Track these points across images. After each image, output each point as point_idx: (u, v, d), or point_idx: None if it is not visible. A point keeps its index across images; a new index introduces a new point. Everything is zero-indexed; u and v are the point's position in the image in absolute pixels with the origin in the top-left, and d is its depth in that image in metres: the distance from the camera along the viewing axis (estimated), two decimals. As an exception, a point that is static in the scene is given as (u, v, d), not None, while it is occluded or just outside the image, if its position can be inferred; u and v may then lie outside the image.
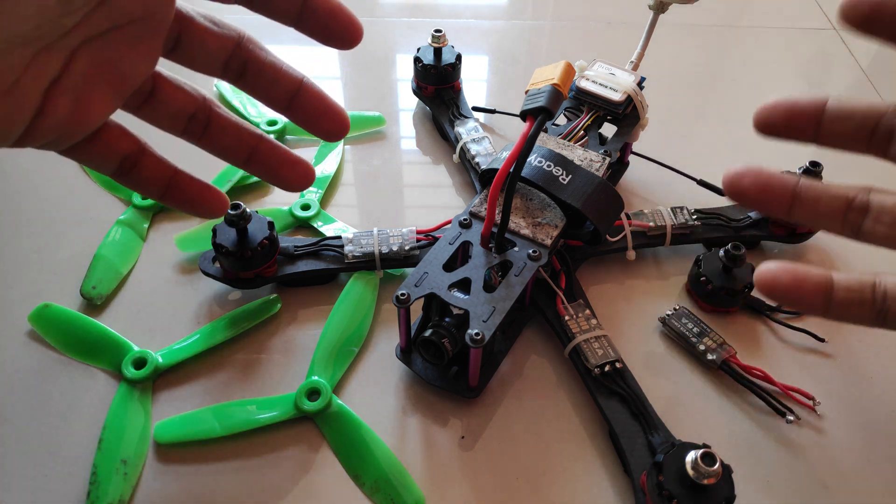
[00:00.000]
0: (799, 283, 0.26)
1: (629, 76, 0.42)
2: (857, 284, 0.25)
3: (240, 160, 0.29)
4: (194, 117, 0.28)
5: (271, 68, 0.28)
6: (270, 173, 0.29)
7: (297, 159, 0.29)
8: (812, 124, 0.27)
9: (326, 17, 0.26)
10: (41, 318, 0.37)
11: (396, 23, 0.63)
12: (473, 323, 0.31)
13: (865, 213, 0.26)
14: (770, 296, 0.26)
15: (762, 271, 0.26)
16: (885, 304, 0.25)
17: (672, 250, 0.43)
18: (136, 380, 0.35)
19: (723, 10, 0.66)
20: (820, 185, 0.27)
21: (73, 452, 0.33)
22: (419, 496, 0.32)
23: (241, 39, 0.27)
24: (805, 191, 0.27)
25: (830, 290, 0.26)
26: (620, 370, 0.34)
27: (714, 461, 0.27)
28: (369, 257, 0.39)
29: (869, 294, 0.25)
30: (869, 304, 0.25)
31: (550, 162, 0.36)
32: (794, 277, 0.26)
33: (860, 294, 0.25)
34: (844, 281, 0.26)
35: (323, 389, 0.34)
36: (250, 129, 0.29)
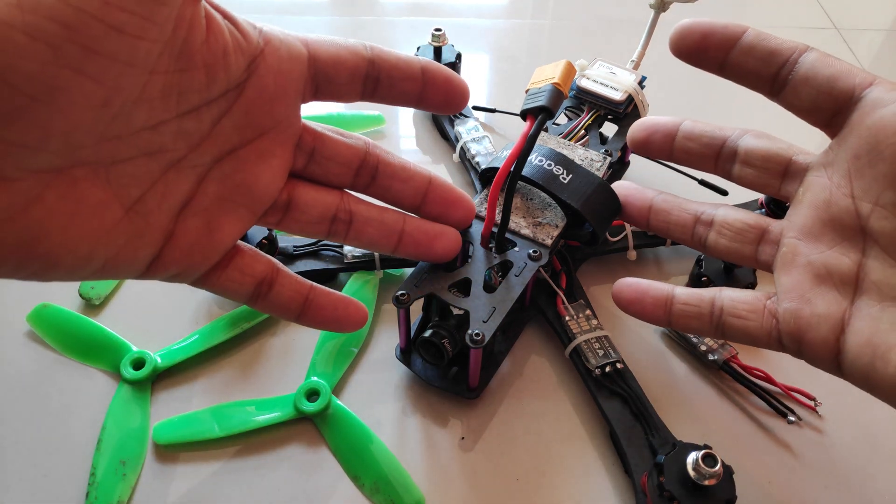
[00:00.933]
0: (640, 297, 0.29)
1: (630, 75, 0.42)
2: (695, 300, 0.28)
3: (389, 248, 0.29)
4: (336, 218, 0.27)
5: (402, 170, 0.28)
6: (421, 254, 0.30)
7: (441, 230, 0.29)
8: (668, 143, 0.30)
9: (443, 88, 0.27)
10: (40, 318, 0.37)
11: (396, 22, 0.63)
12: (473, 323, 0.31)
13: (710, 227, 0.29)
14: (621, 308, 0.30)
15: (615, 288, 0.30)
16: (721, 318, 0.27)
17: (673, 250, 0.43)
18: (134, 380, 0.34)
19: (724, 9, 0.66)
20: (673, 199, 0.31)
21: (71, 453, 0.33)
22: (419, 497, 0.31)
23: (368, 146, 0.27)
24: (659, 204, 0.31)
25: (670, 305, 0.28)
26: (621, 371, 0.34)
27: (715, 462, 0.27)
28: (369, 257, 0.39)
29: (707, 309, 0.28)
30: (707, 318, 0.28)
31: (551, 161, 0.36)
32: (636, 292, 0.29)
33: (697, 309, 0.28)
34: (684, 297, 0.28)
35: (322, 390, 0.34)
36: (394, 212, 0.28)
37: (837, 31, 0.63)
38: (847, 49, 0.61)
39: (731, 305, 0.27)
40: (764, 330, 0.27)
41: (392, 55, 0.26)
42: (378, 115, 0.51)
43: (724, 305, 0.27)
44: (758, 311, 0.27)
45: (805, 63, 0.26)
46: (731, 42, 0.28)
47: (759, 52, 0.27)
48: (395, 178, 0.28)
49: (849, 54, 0.61)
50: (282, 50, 0.23)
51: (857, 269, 0.25)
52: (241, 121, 0.23)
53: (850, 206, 0.25)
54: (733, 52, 0.28)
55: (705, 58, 0.29)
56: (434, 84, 0.26)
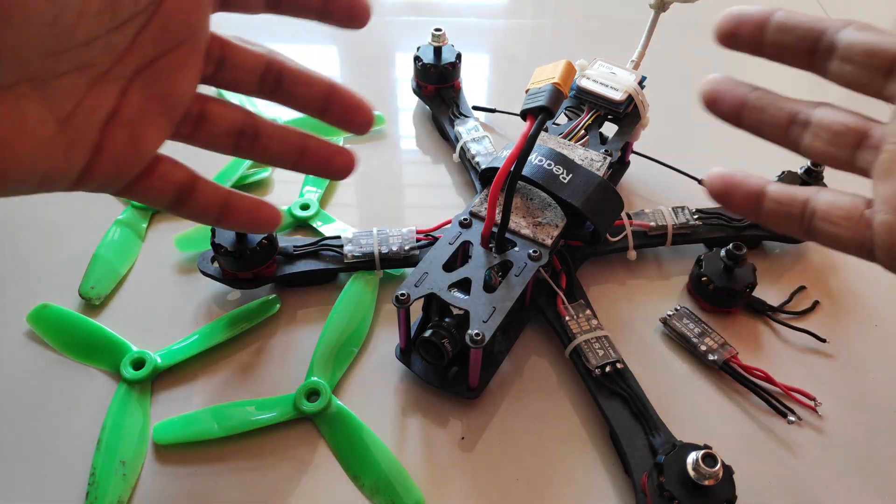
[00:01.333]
0: (729, 190, 0.28)
1: (630, 75, 0.42)
2: (787, 198, 0.26)
3: (290, 163, 0.29)
4: (242, 132, 0.28)
5: (304, 76, 0.28)
6: (321, 168, 0.30)
7: (339, 149, 0.30)
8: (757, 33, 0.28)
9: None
10: (40, 318, 0.37)
11: (396, 21, 0.63)
12: (473, 323, 0.31)
13: (806, 128, 0.27)
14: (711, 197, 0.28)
15: (707, 177, 0.28)
16: (812, 222, 0.26)
17: (673, 250, 0.43)
18: (134, 380, 0.34)
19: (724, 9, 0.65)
20: (767, 96, 0.29)
21: (71, 453, 0.32)
22: (419, 497, 0.31)
23: (271, 53, 0.28)
24: (754, 100, 0.29)
25: (762, 199, 0.27)
26: (621, 371, 0.34)
27: (715, 462, 0.27)
28: (369, 257, 0.39)
29: (798, 210, 0.26)
30: (797, 220, 0.26)
31: (551, 161, 0.36)
32: (725, 184, 0.28)
33: (789, 208, 0.26)
34: (776, 193, 0.27)
35: (322, 390, 0.34)
36: (296, 131, 0.29)
37: (837, 30, 0.63)
38: (847, 49, 0.61)
39: (825, 210, 0.25)
40: (856, 240, 0.25)
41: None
42: (378, 115, 0.51)
43: (817, 209, 0.26)
44: (853, 219, 0.25)
45: (846, 33, 0.26)
46: (764, 20, 0.28)
47: (798, 28, 0.27)
48: (299, 84, 0.28)
49: (849, 54, 0.61)
50: None
51: None
52: (159, 32, 0.24)
53: None
54: (769, 31, 0.28)
55: (742, 39, 0.28)
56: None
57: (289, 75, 0.28)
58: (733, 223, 0.41)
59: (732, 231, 0.41)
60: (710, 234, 0.41)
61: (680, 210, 0.41)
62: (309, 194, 0.45)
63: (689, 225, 0.41)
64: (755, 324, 0.39)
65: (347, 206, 0.46)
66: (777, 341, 0.38)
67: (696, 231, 0.41)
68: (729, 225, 0.41)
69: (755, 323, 0.39)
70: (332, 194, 0.46)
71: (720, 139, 0.52)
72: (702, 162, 0.49)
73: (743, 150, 0.51)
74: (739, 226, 0.41)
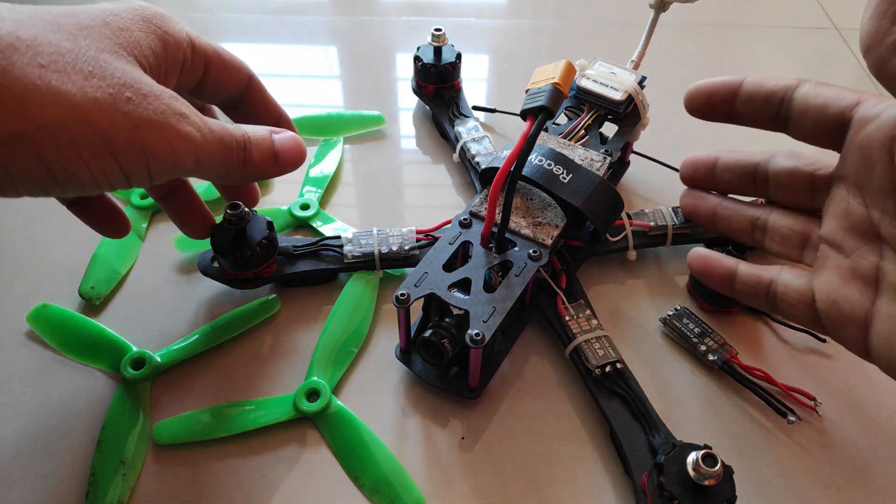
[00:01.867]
0: (707, 271, 0.34)
1: (630, 75, 0.42)
2: (753, 282, 0.32)
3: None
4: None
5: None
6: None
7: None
8: (710, 177, 0.35)
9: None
10: (39, 318, 0.37)
11: (396, 21, 0.63)
12: (473, 323, 0.31)
13: (765, 232, 0.33)
14: (694, 274, 0.35)
15: (689, 256, 0.35)
16: (775, 302, 0.31)
17: (673, 250, 0.43)
18: (134, 380, 0.34)
19: (724, 9, 0.65)
20: (732, 205, 0.34)
21: (71, 453, 0.33)
22: (419, 497, 0.31)
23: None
24: (722, 210, 0.35)
25: (733, 282, 0.33)
26: (621, 371, 0.34)
27: (715, 462, 0.27)
28: (369, 257, 0.39)
29: (763, 291, 0.31)
30: (763, 299, 0.31)
31: (551, 161, 0.36)
32: (704, 266, 0.34)
33: (755, 290, 0.32)
34: (744, 275, 0.32)
35: (322, 390, 0.34)
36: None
37: (837, 31, 0.63)
38: (847, 49, 0.61)
39: (783, 293, 0.30)
40: (810, 320, 0.30)
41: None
42: (378, 115, 0.51)
43: (777, 292, 0.31)
44: (806, 303, 0.29)
45: (798, 98, 0.29)
46: (732, 94, 0.31)
47: (758, 98, 0.31)
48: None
49: (849, 54, 0.61)
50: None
51: (875, 271, 0.27)
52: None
53: (864, 214, 0.28)
54: (737, 103, 0.31)
55: (715, 112, 0.33)
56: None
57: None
58: (733, 223, 0.41)
59: (732, 231, 0.41)
60: (710, 234, 0.41)
61: (680, 210, 0.41)
62: (309, 194, 0.45)
63: (689, 225, 0.41)
64: (755, 324, 0.39)
65: (347, 206, 0.46)
66: (777, 341, 0.38)
67: (696, 231, 0.41)
68: (729, 225, 0.41)
69: (755, 323, 0.39)
70: (332, 194, 0.46)
71: (720, 139, 0.52)
72: (702, 162, 0.49)
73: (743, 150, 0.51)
74: (739, 226, 0.41)
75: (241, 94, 0.32)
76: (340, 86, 0.56)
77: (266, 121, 0.33)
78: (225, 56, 0.30)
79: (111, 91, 0.23)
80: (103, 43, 0.24)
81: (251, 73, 0.32)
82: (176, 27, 0.27)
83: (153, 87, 0.24)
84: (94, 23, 0.24)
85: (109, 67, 0.23)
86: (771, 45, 0.62)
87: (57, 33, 0.23)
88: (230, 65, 0.31)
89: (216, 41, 0.30)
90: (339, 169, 0.48)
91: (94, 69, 0.23)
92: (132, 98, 0.23)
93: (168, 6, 0.62)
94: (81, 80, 0.22)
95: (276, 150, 0.29)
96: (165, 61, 0.27)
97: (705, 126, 0.54)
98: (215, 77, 0.30)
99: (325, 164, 0.47)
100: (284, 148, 0.29)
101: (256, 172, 0.29)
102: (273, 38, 0.60)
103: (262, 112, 0.33)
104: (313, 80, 0.57)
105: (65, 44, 0.22)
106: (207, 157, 0.26)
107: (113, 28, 0.24)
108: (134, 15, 0.26)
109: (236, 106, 0.33)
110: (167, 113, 0.24)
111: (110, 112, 0.22)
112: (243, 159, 0.28)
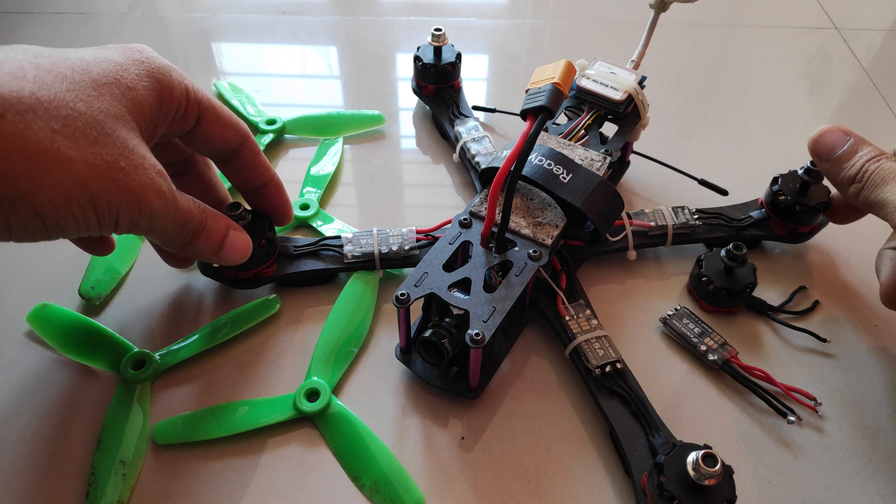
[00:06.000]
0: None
1: (630, 75, 0.42)
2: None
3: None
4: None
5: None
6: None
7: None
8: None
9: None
10: (40, 318, 0.37)
11: (396, 21, 0.63)
12: (473, 323, 0.31)
13: None
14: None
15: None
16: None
17: (673, 250, 0.43)
18: (135, 380, 0.34)
19: (724, 8, 0.65)
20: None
21: (71, 453, 0.32)
22: (419, 497, 0.31)
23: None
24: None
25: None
26: (621, 370, 0.34)
27: (715, 462, 0.27)
28: (369, 257, 0.39)
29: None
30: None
31: (551, 160, 0.36)
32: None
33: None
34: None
35: (322, 390, 0.34)
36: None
37: (837, 30, 0.63)
38: (847, 49, 0.61)
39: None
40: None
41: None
42: (378, 115, 0.51)
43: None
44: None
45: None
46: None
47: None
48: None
49: (849, 54, 0.61)
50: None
51: None
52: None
53: None
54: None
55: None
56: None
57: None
58: (733, 223, 0.41)
59: (732, 231, 0.41)
60: (710, 234, 0.41)
61: (680, 210, 0.41)
62: (309, 194, 0.45)
63: (689, 225, 0.41)
64: (755, 324, 0.39)
65: (347, 206, 0.46)
66: (777, 341, 0.38)
67: (696, 231, 0.41)
68: (729, 225, 0.41)
69: (755, 323, 0.39)
70: (332, 194, 0.46)
71: (720, 139, 0.52)
72: (702, 162, 0.49)
73: (743, 150, 0.51)
74: (739, 226, 0.41)
75: (233, 151, 0.33)
76: (340, 86, 0.56)
77: (255, 182, 0.35)
78: (220, 111, 0.32)
79: (108, 159, 0.25)
80: (113, 106, 0.26)
81: (247, 135, 0.33)
82: (175, 79, 0.29)
83: (144, 160, 0.27)
84: (107, 80, 0.26)
85: (112, 135, 0.25)
86: (771, 45, 0.62)
87: (72, 92, 0.25)
88: (224, 120, 0.32)
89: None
90: (339, 169, 0.48)
91: (99, 136, 0.25)
92: (124, 168, 0.26)
93: (168, 6, 0.62)
94: (86, 146, 0.24)
95: (223, 244, 0.32)
96: (159, 114, 0.29)
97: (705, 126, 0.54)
98: (206, 130, 0.32)
99: (325, 163, 0.47)
100: (231, 246, 0.32)
101: (194, 253, 0.31)
102: (273, 38, 0.60)
103: (252, 173, 0.34)
104: (313, 80, 0.57)
105: (79, 105, 0.25)
106: (161, 227, 0.28)
107: (122, 87, 0.27)
108: (140, 70, 0.28)
109: (228, 161, 0.34)
110: (148, 186, 0.27)
111: (103, 178, 0.25)
112: (190, 240, 0.30)
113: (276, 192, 0.36)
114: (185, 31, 0.60)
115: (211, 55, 0.57)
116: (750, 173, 0.47)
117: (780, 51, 0.61)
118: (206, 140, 0.32)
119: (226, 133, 0.32)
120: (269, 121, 0.49)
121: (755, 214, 0.42)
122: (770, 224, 0.42)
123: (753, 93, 0.56)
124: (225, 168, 0.35)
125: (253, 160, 0.34)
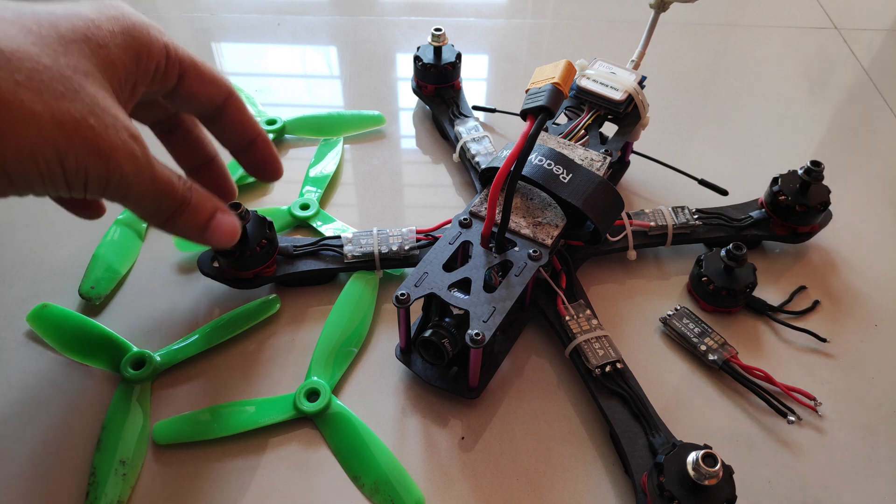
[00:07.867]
0: None
1: (630, 75, 0.42)
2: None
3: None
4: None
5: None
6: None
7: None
8: None
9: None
10: (40, 318, 0.37)
11: (396, 21, 0.63)
12: (473, 323, 0.31)
13: None
14: None
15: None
16: None
17: (673, 250, 0.43)
18: (134, 380, 0.34)
19: (724, 9, 0.65)
20: None
21: (71, 453, 0.32)
22: (419, 497, 0.31)
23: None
24: None
25: None
26: (621, 370, 0.34)
27: (715, 462, 0.27)
28: (369, 257, 0.39)
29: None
30: None
31: (551, 160, 0.36)
32: None
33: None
34: None
35: (322, 390, 0.34)
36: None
37: (837, 31, 0.63)
38: (847, 49, 0.61)
39: None
40: None
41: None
42: (378, 115, 0.51)
43: None
44: None
45: None
46: None
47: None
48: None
49: (849, 54, 0.61)
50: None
51: None
52: None
53: None
54: None
55: None
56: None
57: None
58: (733, 223, 0.41)
59: (732, 231, 0.41)
60: (710, 234, 0.41)
61: (680, 210, 0.41)
62: (309, 194, 0.45)
63: (689, 225, 0.41)
64: (755, 324, 0.39)
65: (347, 206, 0.46)
66: (777, 341, 0.38)
67: (696, 231, 0.41)
68: (729, 225, 0.41)
69: (755, 323, 0.39)
70: (332, 194, 0.46)
71: (720, 139, 0.52)
72: (702, 162, 0.49)
73: (743, 150, 0.51)
74: (739, 226, 0.41)
75: (218, 108, 0.32)
76: (340, 86, 0.56)
77: (243, 138, 0.33)
78: (203, 68, 0.31)
79: (76, 116, 0.24)
80: (81, 63, 0.24)
81: (231, 90, 0.32)
82: (154, 36, 0.28)
83: (116, 121, 0.25)
84: (76, 37, 0.25)
85: (81, 91, 0.24)
86: (771, 45, 0.62)
87: (38, 45, 0.23)
88: (207, 77, 0.31)
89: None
90: (339, 169, 0.48)
91: (67, 90, 0.24)
92: (94, 126, 0.24)
93: (168, 6, 0.62)
94: (52, 100, 0.23)
95: (209, 225, 0.30)
96: (136, 74, 0.28)
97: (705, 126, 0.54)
98: (189, 87, 0.31)
99: (325, 163, 0.47)
100: (217, 227, 0.30)
101: (178, 231, 0.30)
102: (273, 38, 0.60)
103: (238, 129, 0.33)
104: (313, 80, 0.57)
105: (44, 59, 0.23)
106: (137, 196, 0.27)
107: (92, 45, 0.25)
108: (114, 27, 0.26)
109: (214, 119, 0.33)
110: (119, 148, 0.25)
111: (71, 134, 0.24)
112: (171, 215, 0.29)
113: (265, 148, 0.34)
114: (185, 31, 0.60)
115: (211, 55, 0.57)
116: (750, 173, 0.47)
117: (780, 51, 0.61)
118: (189, 98, 0.31)
119: (209, 90, 0.31)
120: (270, 121, 0.49)
121: (755, 214, 0.42)
122: (770, 224, 0.42)
123: (753, 93, 0.56)
124: (212, 127, 0.33)
125: (238, 116, 0.33)
